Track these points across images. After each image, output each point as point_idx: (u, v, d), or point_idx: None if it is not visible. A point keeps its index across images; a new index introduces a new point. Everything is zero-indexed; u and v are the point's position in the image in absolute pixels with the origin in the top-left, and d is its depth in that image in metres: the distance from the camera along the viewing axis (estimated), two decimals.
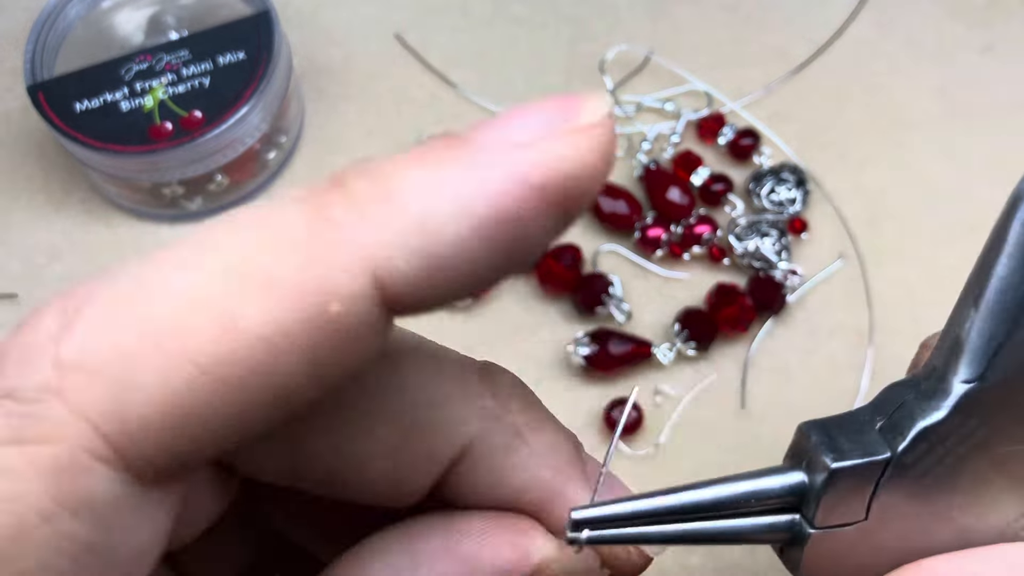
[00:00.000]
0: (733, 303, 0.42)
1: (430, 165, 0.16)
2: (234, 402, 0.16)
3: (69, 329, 0.16)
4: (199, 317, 0.15)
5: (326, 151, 0.48)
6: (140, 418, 0.15)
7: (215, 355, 0.15)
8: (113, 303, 0.16)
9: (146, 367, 0.15)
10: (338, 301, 0.16)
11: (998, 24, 0.50)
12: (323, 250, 0.16)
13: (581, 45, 0.50)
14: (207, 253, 0.16)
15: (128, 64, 0.44)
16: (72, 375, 0.15)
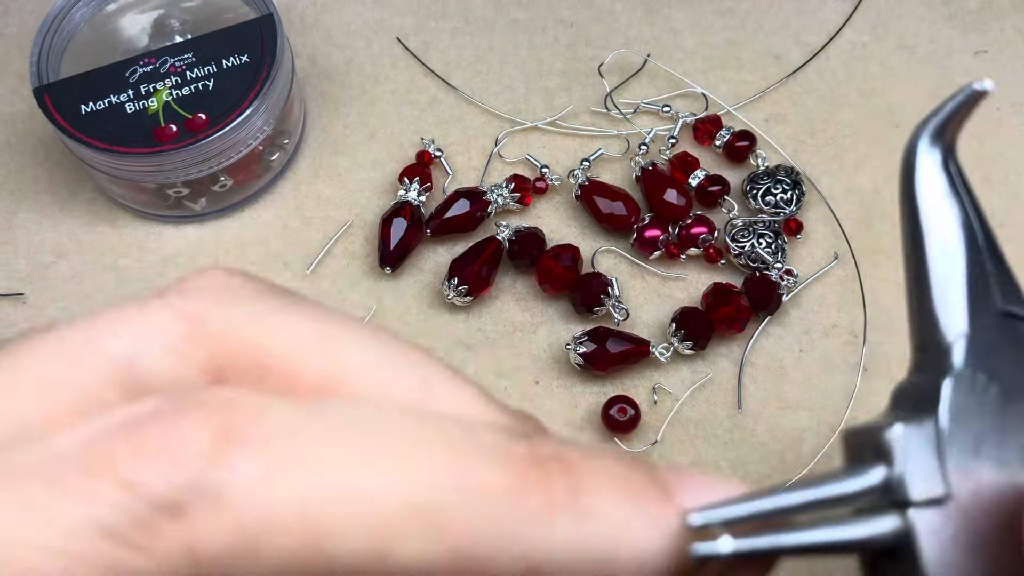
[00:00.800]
0: (729, 303, 0.43)
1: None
2: None
3: (229, 460, 0.15)
4: (358, 528, 0.15)
5: (328, 153, 0.48)
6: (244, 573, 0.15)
7: (351, 566, 0.15)
8: (282, 454, 0.15)
9: (279, 536, 0.15)
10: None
11: (991, 27, 0.50)
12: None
13: (580, 49, 0.50)
14: (407, 464, 0.16)
15: (133, 66, 0.45)
16: (204, 506, 0.15)
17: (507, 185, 0.46)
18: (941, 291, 0.20)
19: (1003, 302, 0.20)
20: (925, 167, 0.20)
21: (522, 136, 0.48)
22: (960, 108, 0.20)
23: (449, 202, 0.46)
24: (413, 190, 0.46)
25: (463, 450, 0.16)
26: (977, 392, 0.19)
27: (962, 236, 0.21)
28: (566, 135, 0.48)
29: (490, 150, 0.48)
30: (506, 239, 0.45)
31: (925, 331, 0.20)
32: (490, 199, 0.46)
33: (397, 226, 0.45)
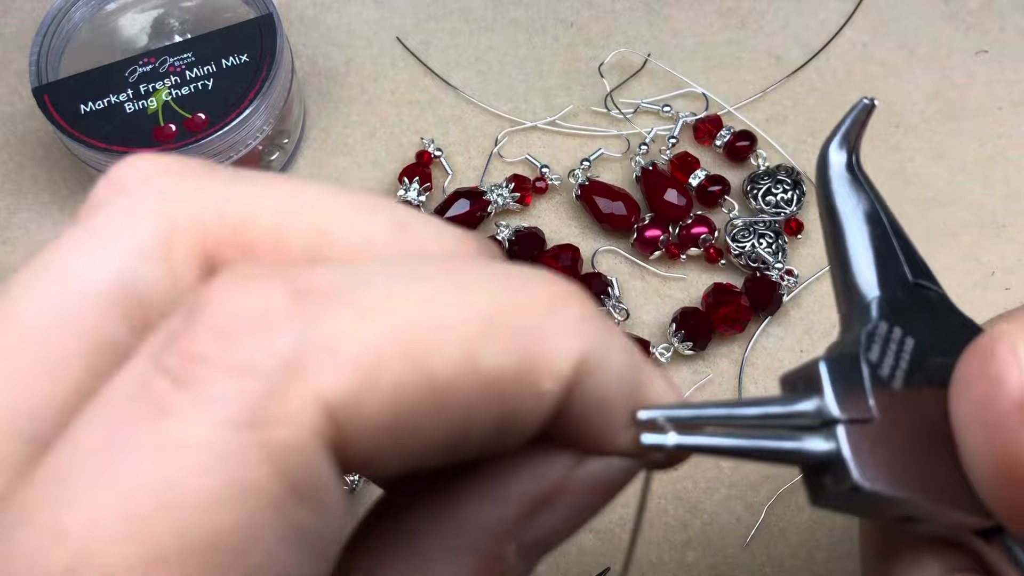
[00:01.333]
0: (730, 303, 0.43)
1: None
2: (436, 428, 0.16)
3: (316, 313, 0.15)
4: (449, 345, 0.16)
5: (328, 153, 0.48)
6: (371, 416, 0.15)
7: (449, 381, 0.16)
8: (366, 300, 0.16)
9: (391, 369, 0.15)
10: (553, 380, 0.17)
11: (992, 27, 0.50)
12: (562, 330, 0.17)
13: (580, 48, 0.50)
14: (467, 291, 0.17)
15: (132, 66, 0.45)
16: (319, 357, 0.15)
17: (507, 185, 0.46)
18: (856, 264, 0.24)
19: (913, 276, 0.24)
20: (834, 165, 0.25)
21: (522, 136, 0.48)
22: (857, 119, 0.25)
23: (449, 202, 0.46)
24: (413, 190, 0.46)
25: (497, 276, 0.17)
26: (894, 340, 0.22)
27: (867, 220, 0.25)
28: (566, 135, 0.48)
29: (490, 150, 0.48)
30: (506, 239, 0.45)
31: (846, 298, 0.24)
32: (490, 199, 0.46)
33: None
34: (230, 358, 0.15)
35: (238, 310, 0.15)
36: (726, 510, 0.41)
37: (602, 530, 0.40)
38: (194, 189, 0.18)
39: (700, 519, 0.41)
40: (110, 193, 0.18)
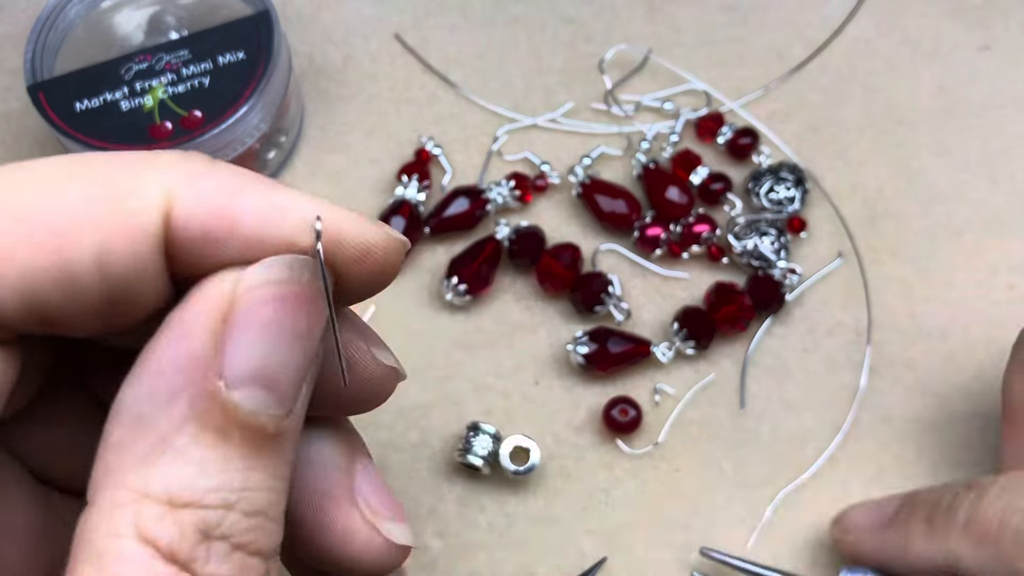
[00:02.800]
0: (732, 302, 0.43)
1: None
2: (34, 256, 0.20)
3: None
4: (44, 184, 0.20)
5: (326, 151, 0.48)
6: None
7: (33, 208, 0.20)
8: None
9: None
10: (139, 200, 0.20)
11: (995, 23, 0.50)
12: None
13: (580, 45, 0.50)
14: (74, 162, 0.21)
15: (128, 64, 0.44)
16: None
17: (507, 183, 0.46)
18: None
19: None
20: None
21: (522, 133, 0.48)
22: None
23: (448, 200, 0.45)
24: (411, 188, 0.46)
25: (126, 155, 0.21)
26: None
27: None
28: (566, 132, 0.48)
29: (489, 148, 0.48)
30: (506, 238, 0.45)
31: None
32: (489, 197, 0.45)
33: (395, 224, 0.44)
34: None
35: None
36: (728, 512, 0.40)
37: (601, 531, 0.40)
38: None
39: (701, 520, 0.40)
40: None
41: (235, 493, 0.19)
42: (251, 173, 0.21)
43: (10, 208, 0.19)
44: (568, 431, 0.42)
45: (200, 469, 0.19)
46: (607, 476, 0.41)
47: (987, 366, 0.42)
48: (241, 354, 0.19)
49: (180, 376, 0.19)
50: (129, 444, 0.19)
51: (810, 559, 0.39)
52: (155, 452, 0.19)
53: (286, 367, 0.20)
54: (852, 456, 0.41)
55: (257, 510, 0.20)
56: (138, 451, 0.19)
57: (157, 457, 0.19)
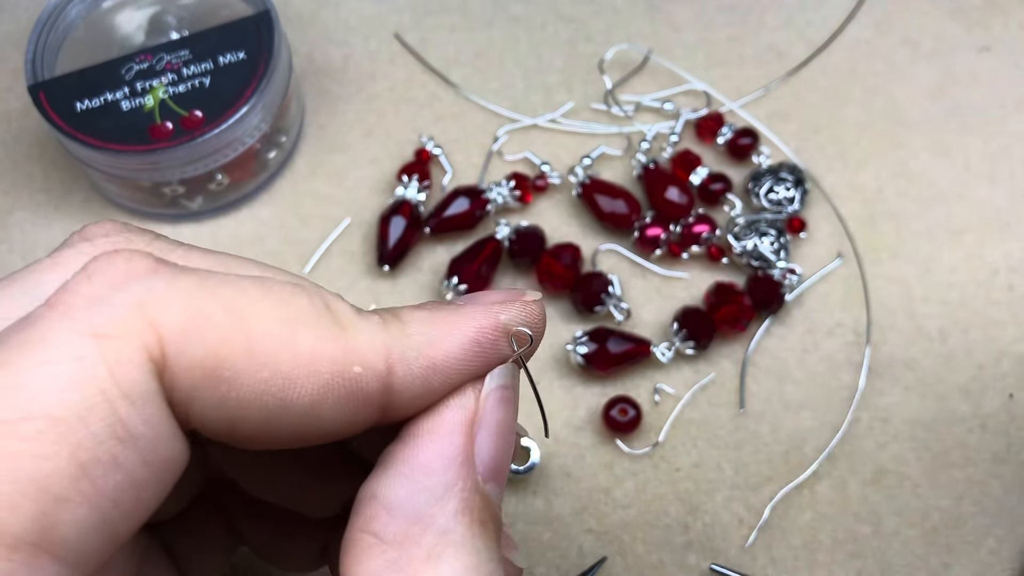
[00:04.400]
0: (732, 302, 0.43)
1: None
2: (254, 387, 0.21)
3: (167, 276, 0.21)
4: (268, 320, 0.21)
5: (326, 150, 0.48)
6: (193, 355, 0.20)
7: (266, 348, 0.21)
8: (203, 276, 0.21)
9: (213, 322, 0.21)
10: (362, 366, 0.22)
11: (995, 24, 0.50)
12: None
13: (580, 45, 0.50)
14: (296, 292, 0.23)
15: (129, 64, 0.44)
16: (160, 302, 0.20)
17: (507, 183, 0.46)
18: None
19: None
20: None
21: (522, 133, 0.48)
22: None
23: (448, 200, 0.45)
24: (412, 188, 0.46)
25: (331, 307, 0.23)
26: None
27: None
28: (566, 133, 0.48)
29: (489, 147, 0.48)
30: (506, 238, 0.45)
31: None
32: (489, 197, 0.45)
33: (396, 224, 0.45)
34: (93, 291, 0.20)
35: (111, 264, 0.21)
36: (727, 512, 0.40)
37: (601, 531, 0.40)
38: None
39: (701, 521, 0.40)
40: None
41: (487, 574, 0.22)
42: (441, 312, 0.24)
43: (249, 334, 0.21)
44: (568, 431, 0.42)
45: (479, 560, 0.21)
46: (607, 476, 0.41)
47: (987, 366, 0.42)
48: (487, 451, 0.23)
49: (450, 472, 0.22)
50: (414, 539, 0.21)
51: (810, 559, 0.39)
52: (439, 546, 0.21)
53: (508, 460, 0.23)
54: (851, 456, 0.41)
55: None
56: (424, 545, 0.21)
57: (442, 550, 0.21)
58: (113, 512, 0.20)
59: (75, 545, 0.19)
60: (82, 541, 0.19)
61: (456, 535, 0.21)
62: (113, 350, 0.20)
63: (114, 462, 0.20)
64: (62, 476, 0.19)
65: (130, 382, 0.20)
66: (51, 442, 0.19)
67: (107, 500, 0.20)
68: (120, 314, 0.20)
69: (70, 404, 0.19)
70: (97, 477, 0.19)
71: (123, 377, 0.20)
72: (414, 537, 0.21)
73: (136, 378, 0.20)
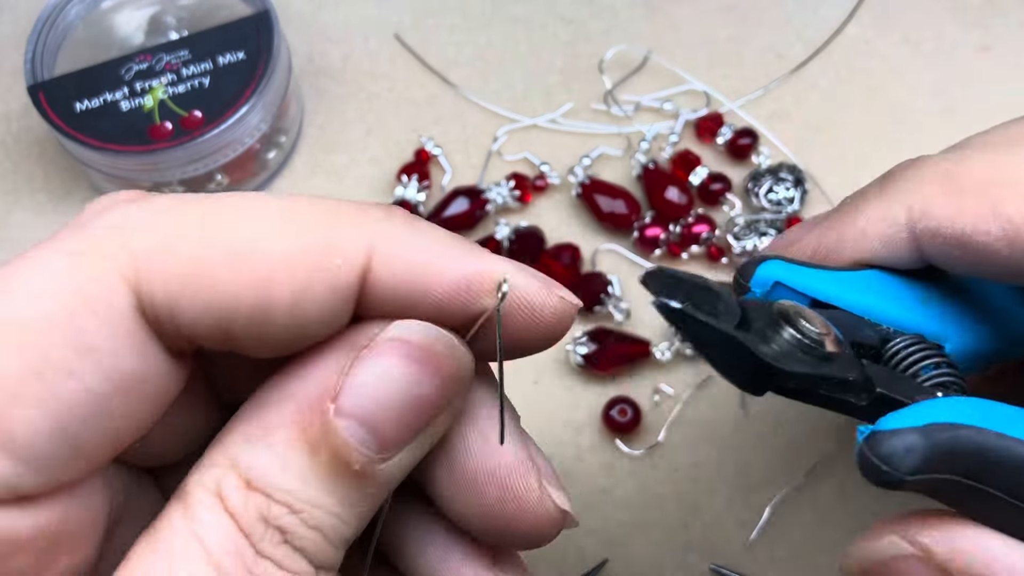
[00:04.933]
0: None
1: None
2: (232, 289, 0.22)
3: (146, 204, 0.22)
4: (242, 229, 0.22)
5: (326, 150, 0.48)
6: (170, 267, 0.21)
7: (241, 252, 0.22)
8: (181, 200, 0.23)
9: (189, 237, 0.22)
10: (342, 258, 0.22)
11: (995, 24, 0.50)
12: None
13: (580, 45, 0.50)
14: (280, 206, 0.23)
15: (128, 64, 0.44)
16: (137, 225, 0.22)
17: (507, 183, 0.46)
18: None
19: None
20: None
21: (521, 134, 0.48)
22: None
23: (448, 200, 0.45)
24: (411, 188, 0.46)
25: (329, 203, 0.23)
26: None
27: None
28: (566, 133, 0.48)
29: (489, 148, 0.48)
30: (506, 238, 0.45)
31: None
32: (489, 197, 0.45)
33: None
34: (80, 221, 0.23)
35: (101, 202, 0.23)
36: (727, 512, 0.40)
37: (601, 531, 0.40)
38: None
39: (702, 520, 0.40)
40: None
41: (301, 503, 0.21)
42: (449, 236, 0.23)
43: (224, 241, 0.22)
44: (568, 431, 0.42)
45: (281, 468, 0.21)
46: (607, 476, 0.41)
47: None
48: (356, 390, 0.22)
49: (302, 387, 0.22)
50: (243, 423, 0.22)
51: (810, 559, 0.39)
52: (255, 438, 0.22)
53: (394, 420, 0.22)
54: (851, 456, 0.41)
55: (317, 527, 0.22)
56: (246, 431, 0.22)
57: (255, 442, 0.22)
58: (69, 419, 0.21)
59: (25, 442, 0.20)
60: (34, 441, 0.20)
61: (274, 438, 0.22)
62: (84, 267, 0.21)
63: (69, 370, 0.21)
64: (14, 375, 0.20)
65: (97, 297, 0.21)
66: (9, 343, 0.20)
67: (62, 406, 0.21)
68: (94, 235, 0.22)
69: (35, 311, 0.21)
70: (52, 382, 0.20)
71: (91, 292, 0.21)
72: (243, 422, 0.22)
73: (104, 294, 0.21)
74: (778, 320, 0.24)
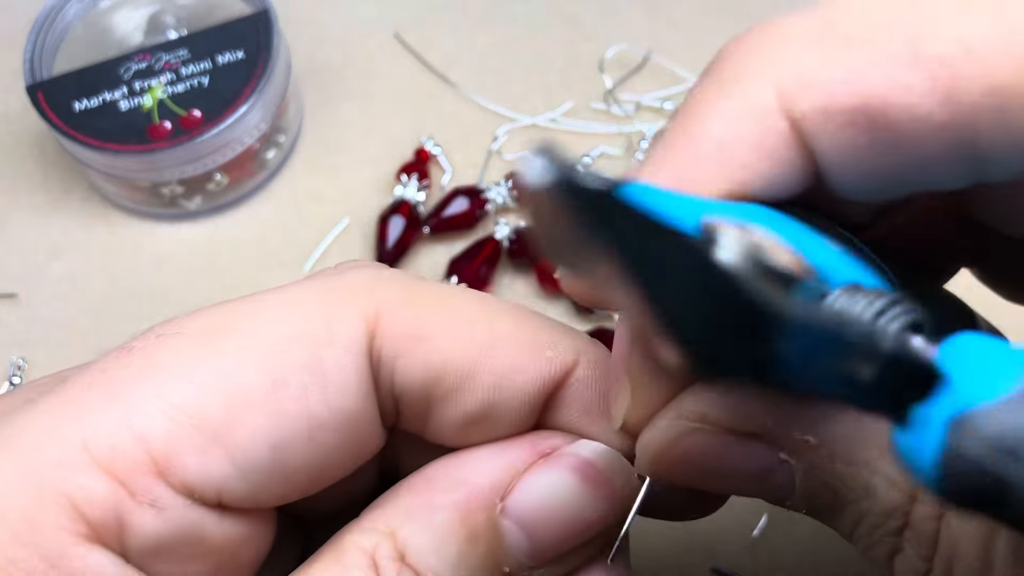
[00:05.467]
0: None
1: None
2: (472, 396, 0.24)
3: (387, 269, 0.26)
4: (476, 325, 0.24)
5: (325, 150, 0.48)
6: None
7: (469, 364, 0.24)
8: (421, 279, 0.26)
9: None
10: (552, 355, 0.24)
11: None
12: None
13: (580, 44, 0.50)
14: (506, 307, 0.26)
15: (127, 63, 0.44)
16: (379, 283, 0.24)
17: (506, 183, 0.46)
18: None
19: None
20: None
21: (521, 133, 0.48)
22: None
23: (448, 200, 0.45)
24: (411, 188, 0.45)
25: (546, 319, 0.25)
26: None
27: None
28: (566, 132, 0.48)
29: (489, 147, 0.48)
30: (505, 238, 0.44)
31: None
32: (489, 197, 0.45)
33: (395, 224, 0.44)
34: (330, 271, 0.25)
35: (348, 262, 0.26)
36: (729, 511, 0.40)
37: None
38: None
39: (702, 521, 0.40)
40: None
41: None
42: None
43: (453, 310, 0.24)
44: None
45: (436, 550, 0.22)
46: None
47: None
48: (530, 495, 0.22)
49: (474, 475, 0.23)
50: (407, 495, 0.23)
51: (811, 560, 0.39)
52: (418, 512, 0.22)
53: (554, 533, 0.22)
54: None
55: None
56: (409, 504, 0.23)
57: (417, 517, 0.22)
58: (289, 440, 0.22)
59: (246, 450, 0.21)
60: (253, 451, 0.21)
61: (436, 518, 0.22)
62: (333, 304, 0.23)
63: (302, 390, 0.22)
64: (253, 385, 0.21)
65: (339, 331, 0.22)
66: (255, 355, 0.22)
67: (285, 423, 0.22)
68: (347, 281, 0.24)
69: (282, 332, 0.22)
70: (283, 397, 0.22)
71: (335, 326, 0.22)
72: (408, 493, 0.23)
73: (345, 330, 0.23)
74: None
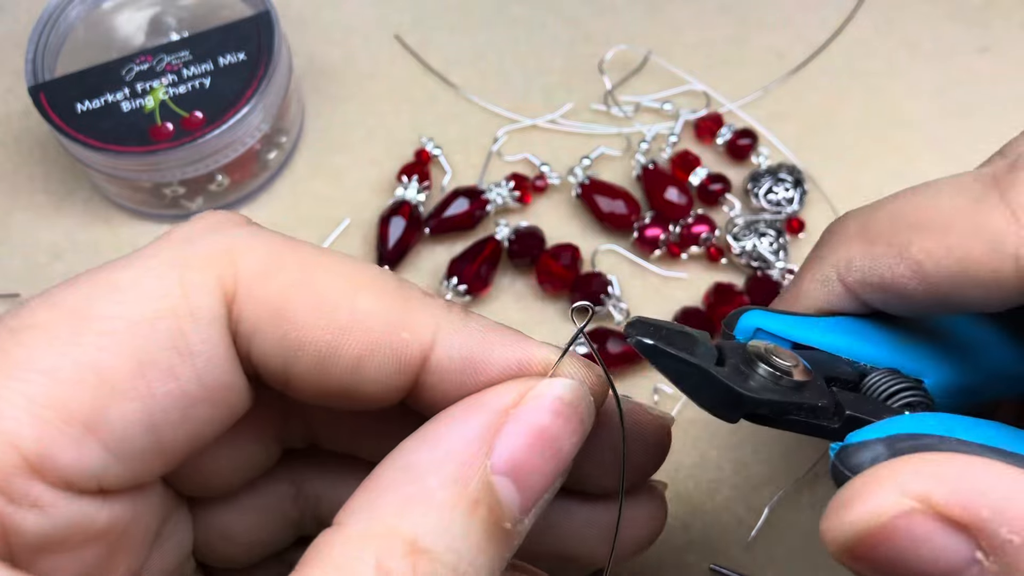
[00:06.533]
0: (731, 302, 0.43)
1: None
2: (313, 334, 0.24)
3: (247, 226, 0.25)
4: (333, 282, 0.24)
5: (326, 151, 0.48)
6: (262, 296, 0.24)
7: (327, 301, 0.24)
8: (282, 239, 0.25)
9: (285, 269, 0.24)
10: (411, 334, 0.25)
11: (995, 25, 0.50)
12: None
13: (580, 45, 0.50)
14: (369, 271, 0.25)
15: (129, 65, 0.44)
16: (244, 250, 0.24)
17: (506, 184, 0.46)
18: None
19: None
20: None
21: (521, 134, 0.48)
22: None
23: (448, 201, 0.45)
24: (411, 188, 0.46)
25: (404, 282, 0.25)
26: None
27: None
28: (566, 133, 0.48)
29: (489, 148, 0.48)
30: (505, 238, 0.45)
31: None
32: (489, 198, 0.45)
33: (395, 225, 0.45)
34: (187, 235, 0.24)
35: (206, 218, 0.25)
36: (727, 511, 0.40)
37: None
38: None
39: (701, 520, 0.40)
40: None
41: (466, 562, 0.22)
42: (501, 327, 0.25)
43: (317, 289, 0.24)
44: None
45: (447, 526, 0.22)
46: None
47: None
48: (510, 446, 0.23)
49: (459, 445, 0.23)
50: (395, 487, 0.22)
51: (809, 559, 0.39)
52: (413, 500, 0.22)
53: (539, 475, 0.23)
54: None
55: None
56: (401, 494, 0.22)
57: (417, 504, 0.22)
58: (162, 419, 0.22)
59: (120, 436, 0.21)
60: (127, 435, 0.22)
61: (436, 498, 0.22)
62: (191, 277, 0.23)
63: (170, 370, 0.22)
64: (120, 370, 0.22)
65: (199, 305, 0.23)
66: (118, 340, 0.22)
67: (157, 404, 0.22)
68: (203, 250, 0.23)
69: (143, 312, 0.22)
70: (152, 379, 0.22)
71: (194, 299, 0.23)
72: (394, 486, 0.22)
73: (205, 303, 0.23)
74: (750, 357, 0.26)
